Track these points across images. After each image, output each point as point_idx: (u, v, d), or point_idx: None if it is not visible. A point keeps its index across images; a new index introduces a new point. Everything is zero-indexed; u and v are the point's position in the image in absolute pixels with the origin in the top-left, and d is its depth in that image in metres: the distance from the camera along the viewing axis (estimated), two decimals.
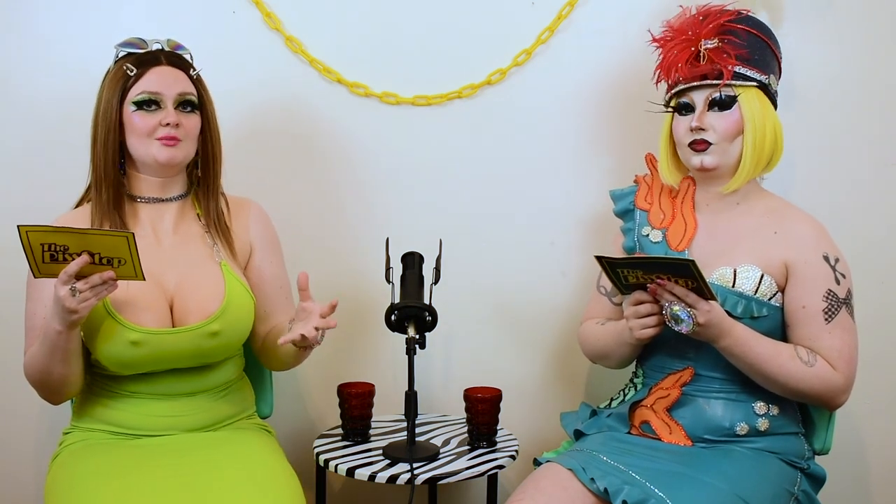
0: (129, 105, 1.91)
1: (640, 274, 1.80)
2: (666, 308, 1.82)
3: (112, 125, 1.91)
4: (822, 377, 1.88)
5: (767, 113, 1.95)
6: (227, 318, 1.93)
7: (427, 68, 2.38)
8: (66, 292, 1.71)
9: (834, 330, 1.89)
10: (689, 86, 1.95)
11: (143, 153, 1.92)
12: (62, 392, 1.92)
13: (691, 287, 1.79)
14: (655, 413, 1.98)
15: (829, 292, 1.90)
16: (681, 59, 1.96)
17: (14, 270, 2.19)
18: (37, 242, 1.68)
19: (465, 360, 2.46)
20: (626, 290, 1.86)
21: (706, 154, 1.94)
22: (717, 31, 1.94)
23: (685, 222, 2.02)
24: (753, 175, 1.97)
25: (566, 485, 1.83)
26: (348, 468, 2.03)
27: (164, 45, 1.96)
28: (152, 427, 1.94)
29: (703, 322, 1.80)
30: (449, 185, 2.41)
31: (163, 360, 1.90)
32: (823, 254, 1.91)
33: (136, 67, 1.91)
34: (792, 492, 1.90)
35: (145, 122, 1.91)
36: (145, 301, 1.88)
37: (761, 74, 1.95)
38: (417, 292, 2.08)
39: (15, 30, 2.34)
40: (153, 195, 1.97)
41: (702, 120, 1.94)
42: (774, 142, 1.97)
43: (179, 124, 1.92)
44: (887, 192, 2.36)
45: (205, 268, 1.97)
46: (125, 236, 1.68)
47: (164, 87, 1.91)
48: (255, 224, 2.07)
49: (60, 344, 1.80)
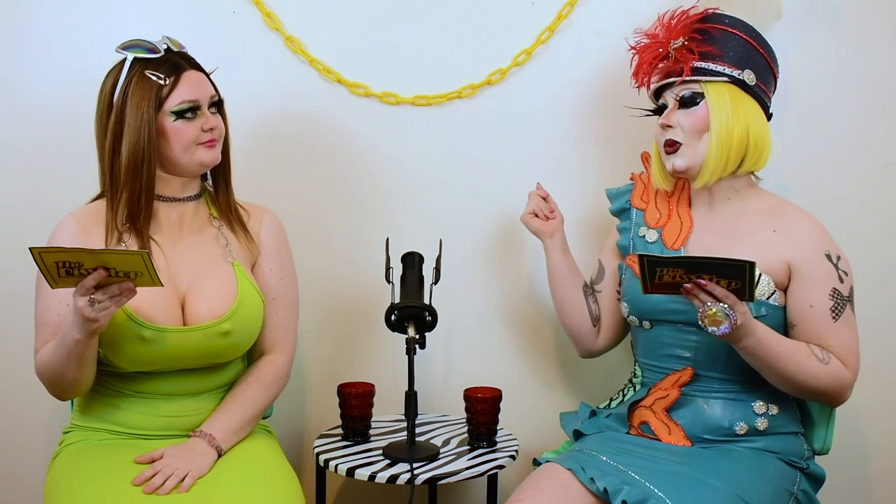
0: (167, 115, 1.90)
1: (680, 273, 1.74)
2: (703, 309, 1.77)
3: (151, 136, 1.89)
4: (836, 375, 1.88)
5: (737, 108, 1.93)
6: (239, 318, 1.94)
7: (427, 68, 2.38)
8: (85, 303, 1.70)
9: (841, 328, 1.90)
10: (660, 85, 1.98)
11: (187, 160, 1.93)
12: (72, 392, 1.92)
13: (731, 288, 1.75)
14: (654, 413, 1.98)
15: (834, 290, 1.90)
16: (645, 62, 1.98)
17: (16, 271, 2.19)
18: (51, 261, 1.67)
19: (465, 360, 2.46)
20: (653, 288, 1.79)
21: (676, 156, 1.95)
22: (688, 32, 1.95)
23: (681, 221, 2.02)
24: (725, 171, 1.94)
25: (566, 485, 1.83)
26: (348, 468, 2.03)
27: (171, 45, 1.96)
28: (154, 427, 1.95)
29: (740, 324, 1.77)
30: (449, 184, 2.41)
31: (173, 358, 1.91)
32: (826, 252, 1.91)
33: (166, 76, 1.90)
34: (791, 491, 1.90)
35: (189, 131, 1.91)
36: (158, 299, 1.88)
37: (733, 69, 1.94)
38: (417, 292, 2.08)
39: (15, 31, 2.34)
40: (172, 195, 1.97)
41: (669, 117, 1.95)
42: (746, 136, 1.93)
43: (216, 126, 1.95)
44: (887, 192, 2.36)
45: (217, 268, 1.97)
46: (140, 255, 1.67)
47: (199, 93, 1.93)
48: (267, 230, 2.07)
49: (78, 351, 1.80)
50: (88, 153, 1.99)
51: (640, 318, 2.01)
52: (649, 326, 2.01)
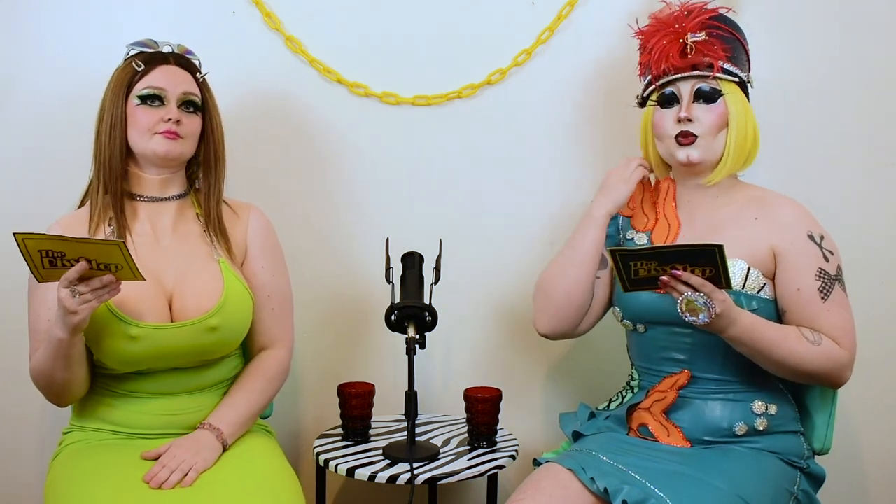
0: (133, 99, 1.94)
1: (654, 265, 1.76)
2: (681, 299, 1.77)
3: (118, 119, 1.94)
4: (829, 355, 1.87)
5: (748, 110, 1.97)
6: (226, 314, 1.94)
7: (427, 68, 2.38)
8: (67, 294, 1.72)
9: (832, 307, 1.89)
10: (677, 77, 1.96)
11: (142, 147, 1.94)
12: (66, 396, 1.93)
13: (707, 276, 1.75)
14: (653, 415, 1.97)
15: (821, 270, 1.89)
16: (672, 49, 1.96)
17: (15, 272, 2.19)
18: (34, 249, 1.70)
19: (465, 360, 2.46)
20: (631, 285, 1.80)
21: (692, 148, 1.94)
22: (703, 27, 1.96)
23: (668, 222, 2.02)
24: (734, 169, 1.98)
25: (566, 485, 1.83)
26: (348, 468, 2.03)
27: (175, 49, 2.00)
28: (152, 426, 1.95)
29: (719, 312, 1.77)
30: (449, 185, 2.41)
31: (162, 356, 1.91)
32: (808, 233, 1.91)
33: (144, 64, 1.95)
34: (791, 491, 1.90)
35: (147, 117, 1.93)
36: (144, 297, 1.89)
37: (741, 72, 1.98)
38: (417, 292, 2.08)
39: (16, 32, 2.34)
40: (153, 194, 1.99)
41: (689, 110, 1.94)
42: (754, 138, 1.98)
43: (181, 121, 1.95)
44: (887, 192, 2.36)
45: (203, 265, 1.97)
46: (116, 244, 1.70)
47: (168, 84, 1.95)
48: (253, 228, 2.07)
49: (63, 351, 1.81)
50: (88, 152, 1.99)
51: (634, 321, 2.01)
52: (643, 330, 2.00)
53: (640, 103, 2.05)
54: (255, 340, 2.07)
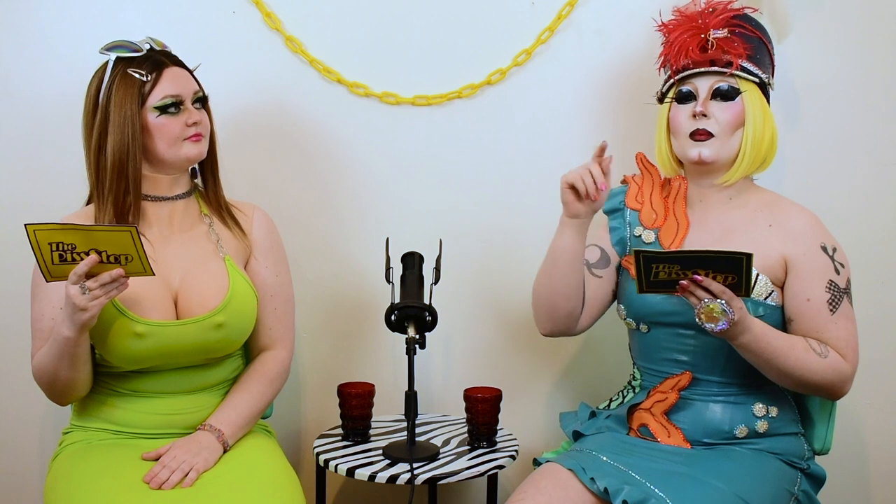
0: (150, 111, 1.92)
1: (676, 269, 1.74)
2: (700, 305, 1.76)
3: (135, 132, 1.90)
4: (835, 368, 1.87)
5: (766, 111, 1.96)
6: (231, 311, 1.94)
7: (427, 68, 2.38)
8: (76, 290, 1.72)
9: (839, 320, 1.89)
10: (695, 72, 1.95)
11: (172, 155, 1.94)
12: (68, 395, 1.93)
13: (728, 283, 1.74)
14: (653, 416, 1.97)
15: (831, 283, 1.89)
16: (692, 44, 1.95)
17: (16, 270, 2.19)
18: (45, 242, 1.69)
19: (465, 360, 2.46)
20: (648, 287, 1.78)
21: (705, 146, 1.93)
22: (726, 24, 1.95)
23: (678, 221, 2.01)
24: (749, 171, 1.97)
25: (566, 485, 1.83)
26: (348, 468, 2.03)
27: (153, 45, 1.97)
28: (153, 425, 1.95)
29: (737, 320, 1.76)
30: (449, 185, 2.41)
31: (168, 353, 1.91)
32: (821, 244, 1.91)
33: (148, 72, 1.92)
34: (792, 492, 1.90)
35: (174, 126, 1.93)
36: (150, 295, 1.89)
37: (763, 73, 1.96)
38: (417, 292, 2.08)
39: (15, 29, 2.34)
40: (161, 193, 1.98)
41: (706, 106, 1.93)
42: (772, 140, 1.97)
43: (199, 121, 1.95)
44: (887, 192, 2.35)
45: (209, 263, 1.98)
46: (128, 230, 1.69)
47: (181, 88, 1.94)
48: (258, 228, 2.07)
49: (69, 349, 1.81)
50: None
51: (638, 320, 2.00)
52: (646, 330, 2.00)
53: (660, 99, 2.04)
54: (256, 340, 2.07)
